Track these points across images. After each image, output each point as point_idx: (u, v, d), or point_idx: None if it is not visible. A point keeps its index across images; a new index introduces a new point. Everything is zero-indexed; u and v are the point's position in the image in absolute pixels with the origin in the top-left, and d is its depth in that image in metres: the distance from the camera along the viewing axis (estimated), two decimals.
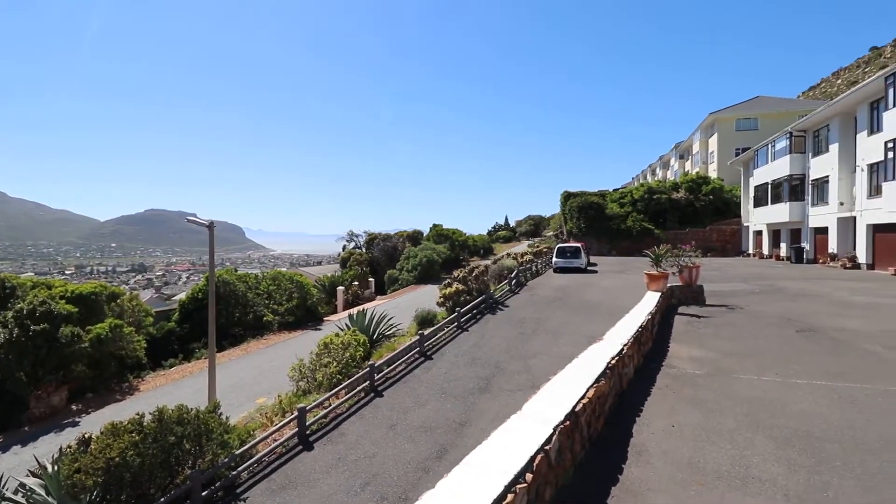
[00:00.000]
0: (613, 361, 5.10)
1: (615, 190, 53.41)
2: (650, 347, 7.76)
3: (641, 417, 4.67)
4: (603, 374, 4.60)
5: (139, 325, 18.29)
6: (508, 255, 30.91)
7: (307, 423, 7.39)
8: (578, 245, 28.67)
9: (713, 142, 51.82)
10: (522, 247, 56.96)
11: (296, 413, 7.23)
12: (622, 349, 5.69)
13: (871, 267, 23.55)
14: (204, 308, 18.49)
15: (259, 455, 6.35)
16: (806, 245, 29.61)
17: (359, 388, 10.24)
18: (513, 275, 20.38)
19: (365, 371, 10.52)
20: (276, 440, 6.96)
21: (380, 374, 10.95)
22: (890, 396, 5.29)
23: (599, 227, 45.29)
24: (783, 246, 32.58)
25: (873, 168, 22.83)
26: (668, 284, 12.43)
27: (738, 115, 49.94)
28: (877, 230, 23.11)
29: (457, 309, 14.90)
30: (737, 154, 43.57)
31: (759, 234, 37.58)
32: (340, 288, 32.82)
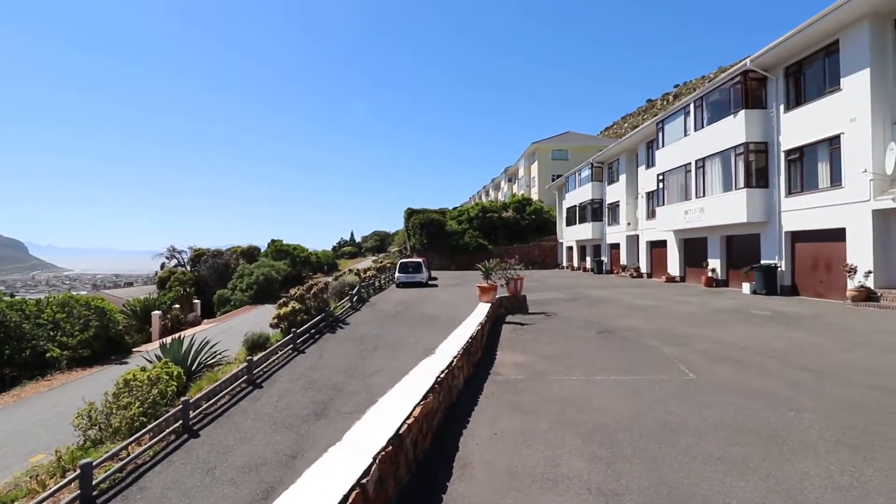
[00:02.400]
0: (442, 375, 5.13)
1: (455, 208, 56.54)
2: (480, 356, 8.13)
3: (468, 428, 4.74)
4: (431, 390, 4.56)
5: None
6: (350, 270, 30.34)
7: (95, 482, 5.95)
8: (420, 260, 29.41)
9: (534, 168, 58.49)
10: (368, 262, 56.48)
11: (78, 471, 5.77)
12: (452, 361, 5.79)
13: (650, 275, 28.70)
14: None
15: None
16: (605, 258, 34.99)
17: (168, 430, 8.77)
18: (354, 291, 19.90)
19: (177, 409, 9.07)
20: None
21: (197, 411, 9.55)
22: (664, 384, 6.31)
23: (440, 242, 47.33)
24: (588, 259, 38.10)
25: (650, 195, 28.01)
26: (497, 295, 13.34)
27: (554, 146, 57.24)
28: (653, 246, 28.33)
29: (293, 330, 13.89)
30: (553, 179, 49.87)
31: (570, 249, 43.42)
32: (156, 313, 28.31)
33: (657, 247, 27.18)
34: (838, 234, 14.74)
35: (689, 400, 5.57)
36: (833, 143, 14.91)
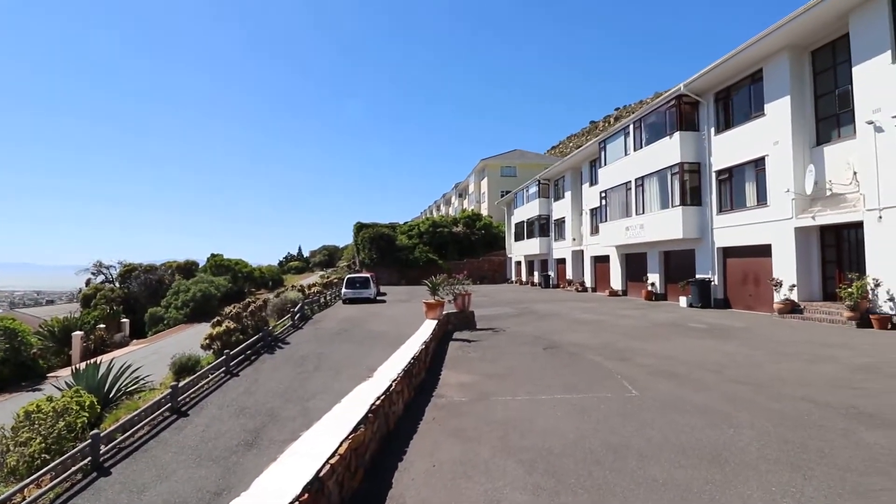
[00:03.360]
0: (378, 402, 4.74)
1: (405, 223, 56.17)
2: (424, 377, 7.77)
3: (404, 461, 4.36)
4: (364, 421, 4.16)
5: None
6: (293, 287, 29.16)
7: None
8: (368, 275, 28.76)
9: (484, 184, 59.30)
10: (315, 277, 54.87)
11: None
12: (390, 386, 5.41)
13: (594, 289, 29.40)
14: None
15: None
16: (552, 273, 35.66)
17: (75, 468, 7.82)
18: (297, 308, 19.01)
19: (86, 443, 8.13)
20: None
21: (110, 445, 8.60)
22: (608, 402, 6.20)
23: (390, 257, 46.71)
24: (536, 274, 38.71)
25: (594, 212, 28.84)
26: (445, 312, 13.06)
27: (503, 163, 58.33)
28: (597, 260, 29.10)
29: (226, 351, 12.97)
30: (502, 195, 50.67)
31: (519, 263, 44.02)
32: (78, 333, 25.95)
33: (601, 261, 27.98)
34: (765, 250, 15.63)
35: (633, 419, 5.46)
36: (759, 164, 15.89)
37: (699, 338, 11.21)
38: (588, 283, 29.36)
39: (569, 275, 32.18)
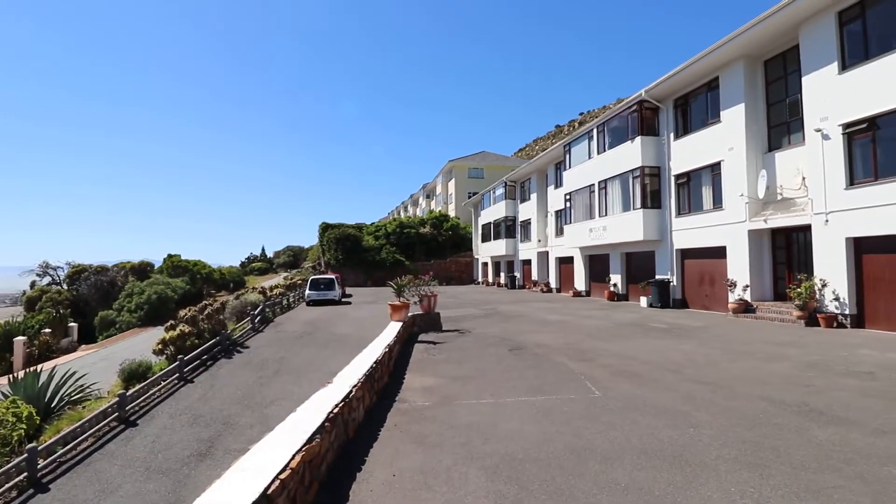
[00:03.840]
0: (336, 410, 4.53)
1: (372, 223, 55.56)
2: (386, 382, 7.58)
3: (363, 471, 4.18)
4: (320, 430, 3.96)
5: None
6: (254, 288, 28.27)
7: None
8: (333, 277, 28.21)
9: (452, 185, 59.35)
10: (279, 279, 53.61)
11: None
12: (350, 392, 5.20)
13: (559, 290, 29.79)
14: None
15: None
16: (518, 274, 35.97)
17: (9, 485, 7.27)
18: (257, 311, 18.40)
19: (22, 457, 7.56)
20: None
21: (50, 458, 8.02)
22: (571, 403, 6.19)
23: (357, 258, 46.06)
24: (502, 275, 38.97)
25: (559, 214, 29.23)
26: (410, 313, 12.88)
27: (470, 165, 58.52)
28: (561, 262, 29.50)
29: (180, 356, 12.37)
30: (469, 196, 50.80)
31: (486, 265, 44.22)
32: (20, 339, 24.34)
33: (565, 263, 28.40)
34: (720, 252, 16.18)
35: (596, 420, 5.45)
36: (715, 169, 16.44)
37: (659, 338, 11.46)
38: (553, 284, 29.75)
39: (534, 276, 32.53)
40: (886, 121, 11.07)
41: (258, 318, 18.12)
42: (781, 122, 14.67)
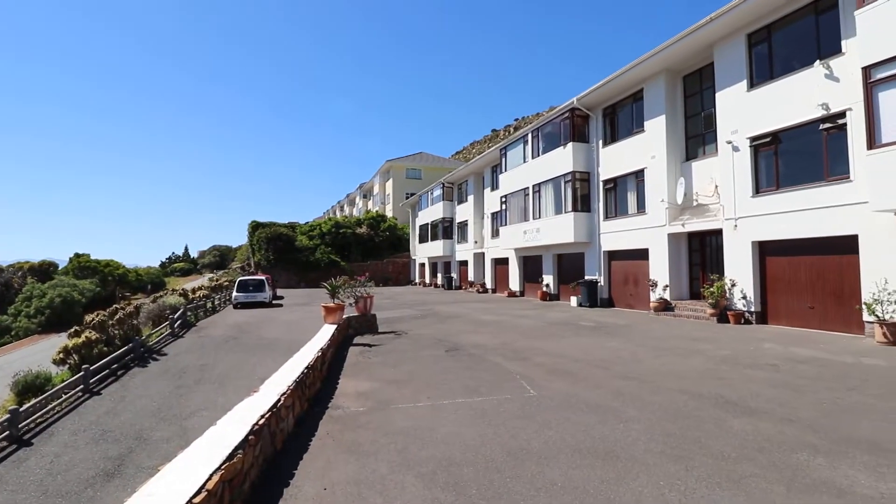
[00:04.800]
0: (263, 421, 4.20)
1: (306, 223, 53.75)
2: (319, 387, 7.23)
3: (291, 486, 3.90)
4: (243, 444, 3.63)
5: None
6: (175, 290, 26.32)
7: None
8: (263, 278, 26.89)
9: (389, 185, 58.77)
10: (203, 280, 50.48)
11: None
12: (278, 401, 4.86)
13: (494, 291, 30.31)
14: None
15: None
16: (454, 275, 36.22)
17: None
18: (178, 315, 17.11)
19: None
20: None
21: None
22: (508, 403, 6.21)
23: (289, 258, 44.37)
24: (439, 276, 39.10)
25: (495, 216, 29.74)
26: (345, 315, 12.49)
27: (408, 165, 58.26)
28: (497, 263, 30.04)
29: (85, 366, 11.19)
30: (407, 197, 50.55)
31: (423, 265, 44.17)
32: None
33: (500, 264, 28.97)
34: (644, 254, 17.17)
35: (532, 420, 5.49)
36: (639, 175, 17.42)
37: (589, 336, 11.91)
38: (489, 285, 30.24)
39: (471, 276, 32.91)
40: (787, 135, 12.26)
41: (178, 322, 16.85)
42: (698, 134, 15.83)
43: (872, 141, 9.59)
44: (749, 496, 3.52)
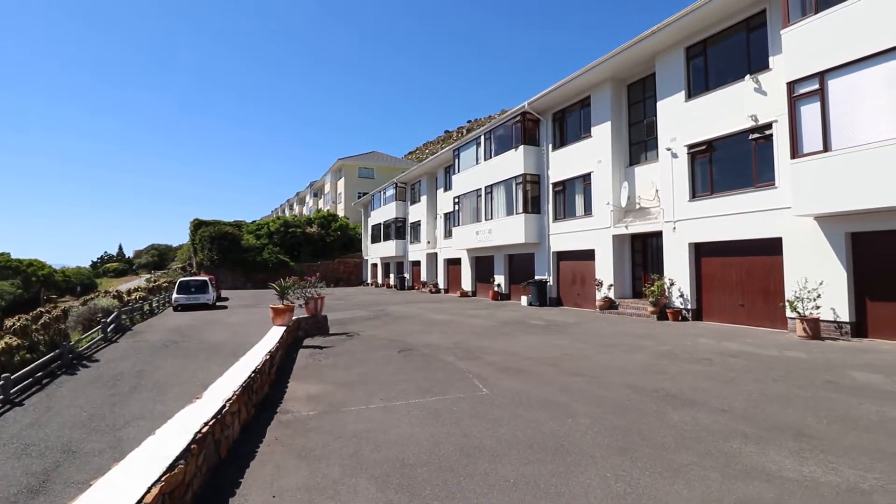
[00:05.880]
0: (206, 428, 4.01)
1: (253, 222, 51.88)
2: (267, 392, 6.99)
3: (238, 495, 3.74)
4: (185, 454, 3.45)
5: None
6: (108, 292, 24.62)
7: None
8: (206, 279, 25.66)
9: (341, 184, 57.76)
10: (140, 281, 47.69)
11: None
12: (223, 407, 4.66)
13: (447, 291, 30.45)
14: None
15: None
16: (407, 275, 36.07)
17: None
18: (111, 318, 16.03)
19: None
20: None
21: None
22: (460, 402, 6.26)
23: (235, 258, 42.65)
24: (392, 276, 38.82)
25: (448, 216, 29.87)
26: (295, 317, 12.16)
27: (360, 164, 57.49)
28: (449, 263, 30.20)
29: (5, 375, 10.25)
30: (359, 197, 49.83)
31: (375, 266, 43.71)
32: None
33: (453, 264, 29.15)
34: (590, 255, 17.80)
35: (484, 418, 5.56)
36: (586, 179, 18.06)
37: (539, 334, 12.21)
38: (441, 285, 30.35)
39: (423, 277, 32.90)
40: (721, 144, 13.10)
41: (112, 326, 15.77)
42: (640, 141, 16.61)
43: (795, 151, 10.44)
44: (688, 483, 3.74)
